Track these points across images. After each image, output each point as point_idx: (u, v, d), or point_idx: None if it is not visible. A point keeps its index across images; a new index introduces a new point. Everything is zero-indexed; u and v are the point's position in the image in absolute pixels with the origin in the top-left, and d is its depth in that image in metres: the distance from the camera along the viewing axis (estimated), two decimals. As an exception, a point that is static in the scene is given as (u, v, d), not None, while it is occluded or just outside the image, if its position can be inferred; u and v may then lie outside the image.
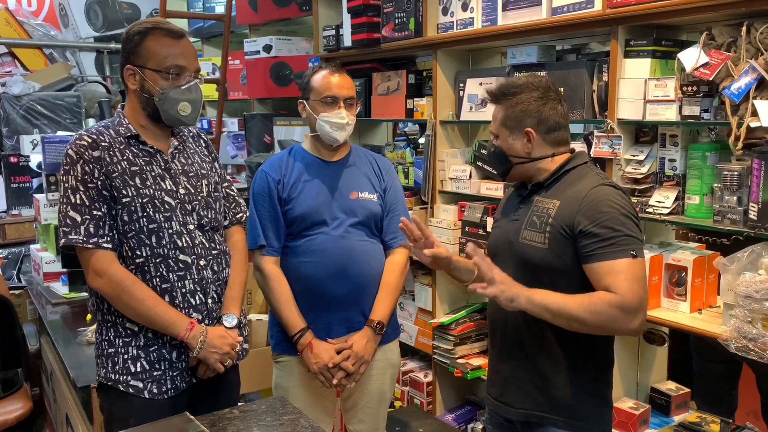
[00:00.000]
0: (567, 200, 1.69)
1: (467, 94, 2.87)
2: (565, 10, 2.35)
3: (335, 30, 3.39)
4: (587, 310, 1.58)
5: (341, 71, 2.20)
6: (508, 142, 1.79)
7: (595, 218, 1.63)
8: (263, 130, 4.20)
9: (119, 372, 1.82)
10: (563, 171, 1.76)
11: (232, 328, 1.91)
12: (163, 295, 1.83)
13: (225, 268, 1.97)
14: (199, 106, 1.88)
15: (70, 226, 1.76)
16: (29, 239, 4.15)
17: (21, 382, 3.06)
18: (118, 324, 1.84)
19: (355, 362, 2.14)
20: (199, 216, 1.90)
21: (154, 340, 1.83)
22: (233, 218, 2.07)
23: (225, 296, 1.95)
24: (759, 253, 1.89)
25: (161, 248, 1.82)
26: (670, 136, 2.19)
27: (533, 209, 1.76)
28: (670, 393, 2.38)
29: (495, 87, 1.84)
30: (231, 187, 2.09)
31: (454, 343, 2.90)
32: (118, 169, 1.79)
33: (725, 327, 1.95)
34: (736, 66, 1.92)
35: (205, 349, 1.83)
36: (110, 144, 1.81)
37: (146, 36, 1.81)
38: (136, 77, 1.83)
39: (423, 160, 3.04)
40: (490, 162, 1.93)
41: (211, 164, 2.01)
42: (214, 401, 1.94)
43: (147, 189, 1.81)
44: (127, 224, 1.80)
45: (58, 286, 3.23)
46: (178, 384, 1.86)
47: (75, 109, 4.66)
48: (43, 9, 5.66)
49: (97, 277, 1.78)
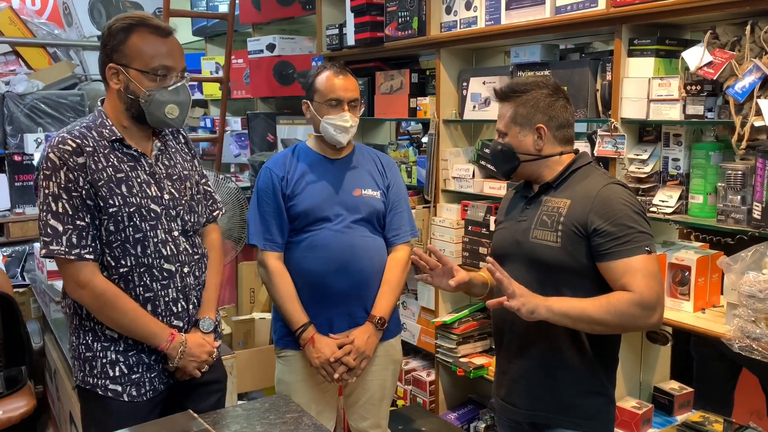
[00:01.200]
0: (578, 199, 1.69)
1: (470, 93, 2.87)
2: (568, 9, 2.34)
3: (338, 29, 3.39)
4: (607, 311, 1.59)
5: (345, 72, 2.19)
6: (518, 139, 1.78)
7: (608, 216, 1.63)
8: (266, 129, 4.20)
9: (97, 376, 1.79)
10: (570, 170, 1.76)
11: (209, 333, 1.89)
12: (146, 305, 1.78)
13: (205, 271, 1.94)
14: (187, 108, 1.80)
15: (51, 235, 1.69)
16: (33, 237, 4.15)
17: (25, 380, 3.07)
18: (96, 329, 1.79)
19: (357, 357, 2.15)
20: (183, 221, 1.85)
21: (133, 345, 1.80)
22: (210, 216, 2.01)
23: (202, 299, 1.91)
24: (763, 253, 1.89)
25: (146, 257, 1.77)
26: (674, 135, 2.19)
27: (542, 209, 1.75)
28: (673, 392, 2.38)
29: (503, 85, 1.84)
30: (207, 183, 2.02)
31: (457, 342, 2.90)
32: (103, 177, 1.71)
33: (729, 326, 1.95)
34: (740, 65, 1.91)
35: (185, 359, 1.81)
36: (94, 149, 1.72)
37: (131, 33, 1.70)
38: (119, 77, 1.73)
39: (426, 159, 3.04)
40: (495, 161, 1.88)
41: (191, 162, 1.95)
42: (194, 398, 1.91)
43: (134, 197, 1.74)
44: (112, 234, 1.73)
45: (62, 284, 3.23)
46: (156, 385, 1.84)
47: (78, 108, 4.66)
48: (46, 8, 5.67)
49: (79, 288, 1.72)
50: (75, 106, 4.65)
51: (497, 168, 1.91)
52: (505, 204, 1.96)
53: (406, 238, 2.26)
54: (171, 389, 1.89)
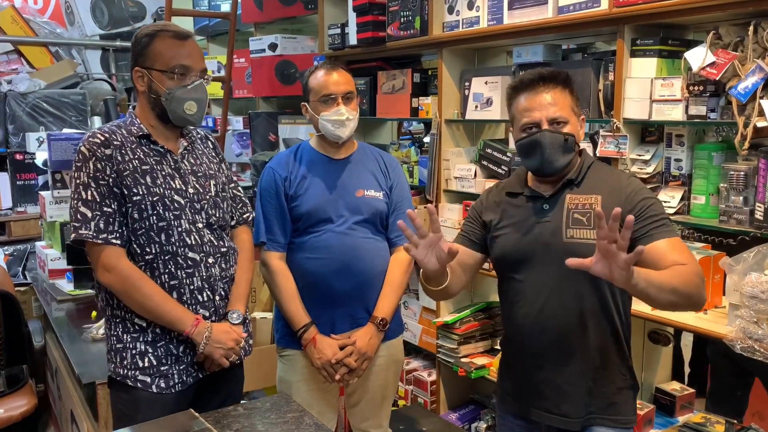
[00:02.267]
0: (608, 194, 1.66)
1: (472, 93, 2.86)
2: (571, 9, 2.34)
3: (340, 28, 3.39)
4: (681, 281, 1.50)
5: (337, 67, 2.20)
6: (577, 128, 1.68)
7: (642, 205, 1.62)
8: (268, 129, 4.20)
9: (128, 367, 1.85)
10: (588, 166, 1.72)
11: (237, 324, 1.95)
12: (171, 292, 1.86)
13: (232, 265, 2.01)
14: (204, 105, 1.91)
15: (81, 221, 1.80)
16: (35, 236, 4.16)
17: (26, 379, 3.07)
18: (126, 320, 1.87)
19: (358, 358, 2.15)
20: (207, 215, 1.93)
21: (161, 335, 1.87)
22: (240, 218, 2.11)
23: (231, 293, 1.99)
24: (765, 254, 1.89)
25: (170, 246, 1.85)
26: (676, 135, 2.18)
27: (569, 207, 1.67)
28: (675, 393, 2.38)
29: (551, 69, 1.71)
30: (238, 188, 2.14)
31: (459, 342, 2.89)
32: (129, 168, 1.82)
33: (731, 327, 1.95)
34: (743, 65, 1.91)
35: (210, 345, 1.86)
36: (122, 143, 1.84)
37: (153, 38, 1.85)
38: (144, 79, 1.86)
39: (428, 159, 3.04)
40: (553, 153, 1.64)
41: (218, 165, 2.06)
42: (219, 396, 1.98)
43: (157, 188, 1.84)
44: (137, 222, 1.82)
45: (64, 283, 3.23)
46: (185, 379, 1.89)
47: (80, 107, 4.67)
48: (49, 7, 5.68)
49: (106, 272, 1.81)
50: (77, 105, 4.66)
51: (554, 161, 1.65)
52: (494, 206, 1.82)
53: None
54: (200, 387, 1.94)
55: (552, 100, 1.65)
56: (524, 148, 1.69)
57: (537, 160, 1.67)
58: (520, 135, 1.70)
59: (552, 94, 1.66)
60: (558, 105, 1.65)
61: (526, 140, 1.68)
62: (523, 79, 1.71)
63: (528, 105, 1.67)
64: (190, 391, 1.92)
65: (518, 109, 1.70)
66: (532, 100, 1.67)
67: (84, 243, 1.83)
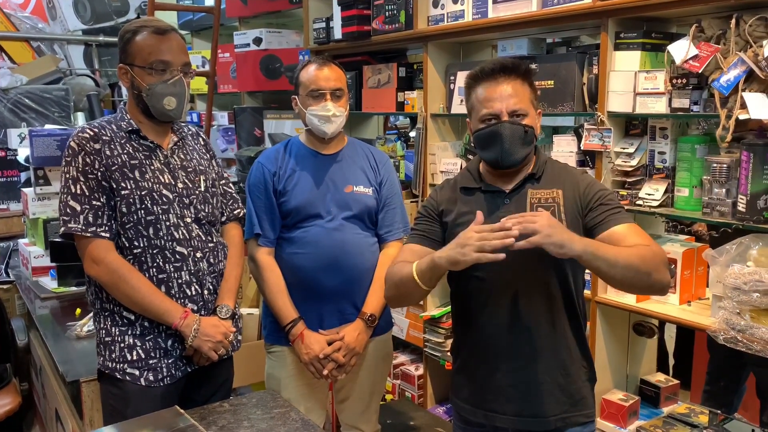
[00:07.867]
0: (567, 187, 1.66)
1: (458, 87, 2.86)
2: (555, 3, 2.34)
3: (325, 22, 3.37)
4: (638, 257, 1.48)
5: (328, 63, 2.19)
6: (535, 122, 1.66)
7: (600, 195, 1.64)
8: (253, 124, 4.18)
9: (116, 360, 1.86)
10: (544, 162, 1.72)
11: (226, 319, 1.96)
12: (160, 286, 1.87)
13: (221, 260, 2.01)
14: (183, 100, 1.90)
15: (70, 215, 1.81)
16: (18, 234, 4.11)
17: (10, 377, 3.05)
18: (115, 313, 1.88)
19: (346, 354, 2.14)
20: (196, 210, 1.94)
21: (150, 329, 1.87)
22: (230, 214, 2.13)
23: (220, 288, 2.00)
24: (747, 245, 1.91)
25: (158, 239, 1.86)
26: (660, 128, 2.20)
27: (532, 201, 1.65)
28: (660, 384, 2.40)
29: (512, 60, 1.68)
30: (229, 185, 2.15)
31: (445, 336, 2.90)
32: (117, 162, 1.83)
33: (714, 319, 1.97)
34: (726, 58, 1.92)
35: (199, 338, 1.87)
36: (111, 138, 1.85)
37: (135, 35, 1.86)
38: (127, 75, 1.87)
39: (414, 154, 3.04)
40: (513, 145, 1.62)
41: (209, 162, 2.06)
42: (208, 390, 1.99)
43: (146, 182, 1.85)
44: (125, 215, 1.84)
45: (47, 280, 3.20)
46: (174, 372, 1.90)
47: (63, 103, 4.63)
48: (30, 1, 5.60)
49: (94, 264, 1.82)
50: (59, 100, 4.61)
51: (513, 153, 1.63)
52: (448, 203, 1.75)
53: (399, 235, 2.25)
54: (188, 381, 1.95)
55: (512, 92, 1.63)
56: (483, 139, 1.66)
57: (496, 151, 1.63)
58: (479, 126, 1.66)
59: (512, 85, 1.63)
60: (518, 96, 1.63)
61: (485, 131, 1.64)
62: (484, 68, 1.66)
63: (488, 95, 1.64)
64: (180, 385, 1.93)
65: (477, 99, 1.66)
66: (492, 90, 1.64)
67: (73, 237, 1.84)
